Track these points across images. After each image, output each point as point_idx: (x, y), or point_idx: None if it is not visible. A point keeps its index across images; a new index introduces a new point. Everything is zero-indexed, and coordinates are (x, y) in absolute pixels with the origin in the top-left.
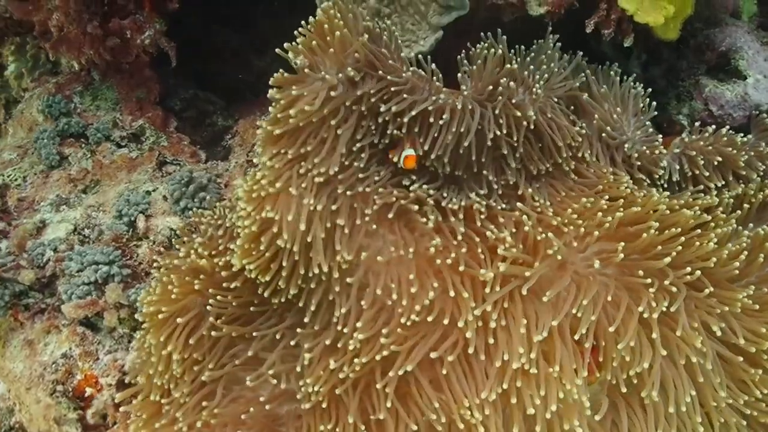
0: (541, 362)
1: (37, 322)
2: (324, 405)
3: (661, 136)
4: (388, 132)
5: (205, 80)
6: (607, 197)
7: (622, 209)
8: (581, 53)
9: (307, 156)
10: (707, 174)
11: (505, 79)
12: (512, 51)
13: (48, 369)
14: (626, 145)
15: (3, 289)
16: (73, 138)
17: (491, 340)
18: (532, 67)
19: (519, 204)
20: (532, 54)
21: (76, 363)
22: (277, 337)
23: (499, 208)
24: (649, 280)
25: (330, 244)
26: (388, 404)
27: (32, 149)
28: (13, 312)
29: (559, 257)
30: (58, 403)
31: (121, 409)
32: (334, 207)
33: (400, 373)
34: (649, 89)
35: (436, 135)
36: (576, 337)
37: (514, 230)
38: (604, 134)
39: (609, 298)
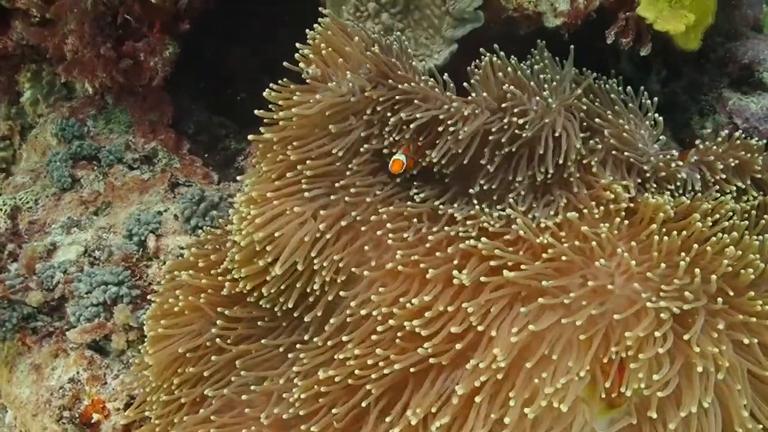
0: (517, 362)
1: (44, 346)
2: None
3: (674, 150)
4: (394, 140)
5: (220, 103)
6: (612, 210)
7: (626, 219)
8: (571, 55)
9: (304, 163)
10: (725, 177)
11: (508, 85)
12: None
13: (55, 394)
14: (641, 159)
15: (11, 311)
16: (85, 161)
17: (459, 346)
18: (542, 76)
19: (511, 211)
20: (535, 66)
21: (83, 388)
22: (280, 350)
23: (504, 217)
24: (647, 294)
25: (322, 255)
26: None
27: (45, 172)
28: (20, 336)
29: (564, 258)
30: (65, 429)
31: None
32: (326, 214)
33: (387, 372)
34: (656, 98)
35: (443, 143)
36: (566, 320)
37: (509, 238)
38: (615, 151)
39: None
